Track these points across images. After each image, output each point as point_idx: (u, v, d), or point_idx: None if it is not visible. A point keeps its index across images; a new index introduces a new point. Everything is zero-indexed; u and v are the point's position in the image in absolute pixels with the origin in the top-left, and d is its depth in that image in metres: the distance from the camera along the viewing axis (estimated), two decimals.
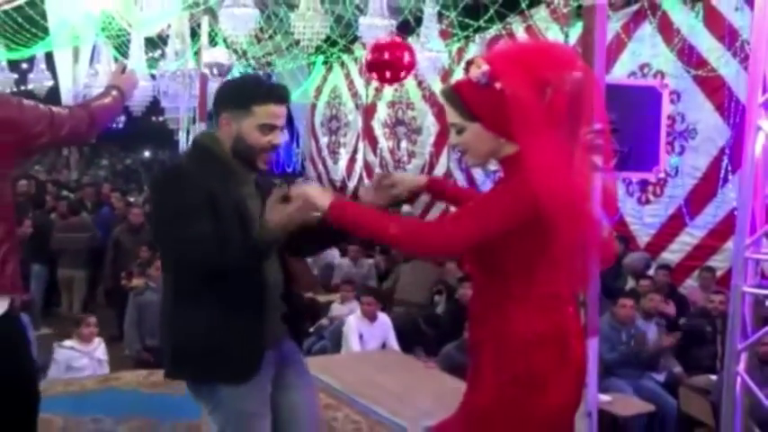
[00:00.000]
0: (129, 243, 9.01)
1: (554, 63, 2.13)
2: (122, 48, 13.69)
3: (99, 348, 5.80)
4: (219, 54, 11.21)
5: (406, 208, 8.38)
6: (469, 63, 2.17)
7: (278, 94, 2.47)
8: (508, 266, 2.14)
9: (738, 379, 3.83)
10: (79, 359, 5.60)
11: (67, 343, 5.69)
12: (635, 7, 8.16)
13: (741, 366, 3.84)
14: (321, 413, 2.93)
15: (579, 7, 6.54)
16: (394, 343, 6.37)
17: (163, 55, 12.88)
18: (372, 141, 13.42)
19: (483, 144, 2.18)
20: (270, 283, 2.50)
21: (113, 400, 4.77)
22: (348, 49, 12.24)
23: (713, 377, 5.31)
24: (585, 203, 2.18)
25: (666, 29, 7.99)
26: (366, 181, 13.31)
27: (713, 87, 7.64)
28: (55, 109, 2.79)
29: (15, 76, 16.59)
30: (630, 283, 7.13)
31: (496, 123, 2.12)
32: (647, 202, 8.28)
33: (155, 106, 15.13)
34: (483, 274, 2.26)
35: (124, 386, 5.06)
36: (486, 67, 2.11)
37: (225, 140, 2.46)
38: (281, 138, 2.52)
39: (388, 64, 6.71)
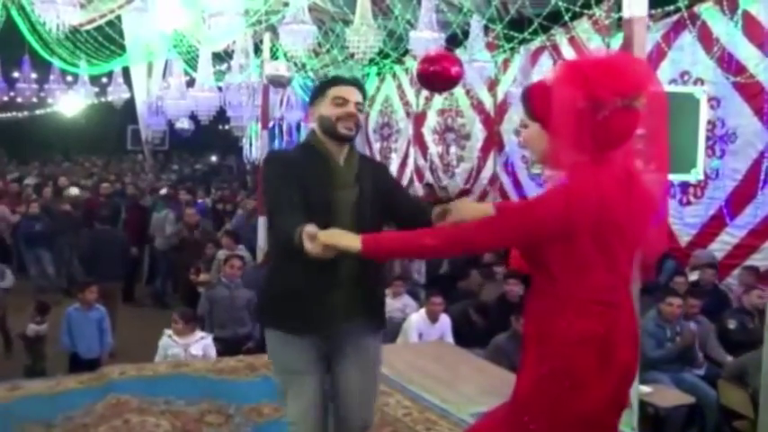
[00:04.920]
0: (191, 241, 9.21)
1: (619, 83, 2.04)
2: (192, 62, 13.94)
3: (199, 343, 5.77)
4: (280, 67, 11.33)
5: None
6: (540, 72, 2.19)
7: (345, 79, 2.91)
8: (554, 269, 2.11)
9: None
10: (174, 348, 5.69)
11: (168, 331, 5.78)
12: (675, 18, 8.01)
13: None
14: (374, 390, 2.97)
15: (620, 19, 6.45)
16: (450, 340, 6.31)
17: (229, 68, 13.07)
18: (422, 147, 13.43)
19: (539, 143, 2.18)
20: (343, 263, 2.63)
21: (184, 384, 4.82)
22: (400, 61, 12.26)
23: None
24: (628, 215, 2.09)
25: (706, 38, 7.82)
26: (417, 184, 13.31)
27: (752, 93, 7.47)
28: None
29: (96, 89, 17.02)
30: (692, 277, 7.06)
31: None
32: (689, 203, 8.12)
33: (221, 115, 15.36)
34: (535, 273, 2.24)
35: (194, 372, 5.12)
36: (555, 72, 2.12)
37: (316, 128, 2.81)
38: (355, 109, 2.75)
39: (438, 74, 6.70)
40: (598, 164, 2.07)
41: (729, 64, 7.59)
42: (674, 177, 5.06)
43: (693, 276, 7.02)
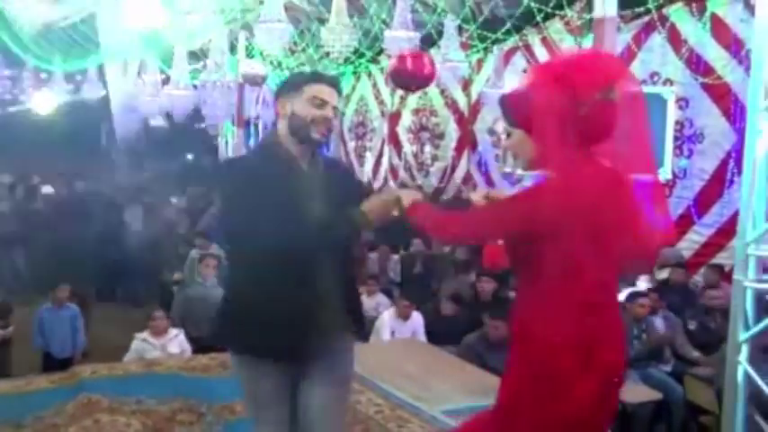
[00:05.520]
0: (167, 240, 9.13)
1: (595, 78, 2.06)
2: (167, 60, 13.83)
3: (175, 341, 5.71)
4: (255, 65, 11.29)
5: None
6: (525, 72, 2.18)
7: (327, 78, 2.60)
8: (541, 271, 2.08)
9: (740, 369, 3.79)
10: (152, 351, 5.58)
11: (142, 335, 5.68)
12: (645, 19, 8.08)
13: (743, 357, 3.80)
14: (345, 410, 2.76)
15: (591, 20, 6.50)
16: (422, 338, 6.33)
17: (204, 66, 12.99)
18: (397, 146, 13.44)
19: (525, 149, 2.17)
20: (323, 275, 2.46)
21: (155, 383, 4.77)
22: (375, 60, 12.26)
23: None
24: (612, 214, 2.08)
25: (675, 39, 7.90)
26: (391, 183, 13.32)
27: (720, 94, 7.55)
28: None
29: (71, 86, 16.84)
30: (661, 275, 7.12)
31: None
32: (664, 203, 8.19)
33: (196, 114, 15.25)
34: (520, 275, 2.23)
35: (166, 371, 5.08)
36: (528, 78, 2.13)
37: (281, 125, 2.53)
38: (332, 114, 2.53)
39: (411, 73, 6.70)
40: (587, 160, 2.08)
41: (698, 65, 7.68)
42: (641, 177, 5.09)
43: (663, 274, 7.09)
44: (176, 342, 5.72)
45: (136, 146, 20.06)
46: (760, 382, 3.72)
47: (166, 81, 14.17)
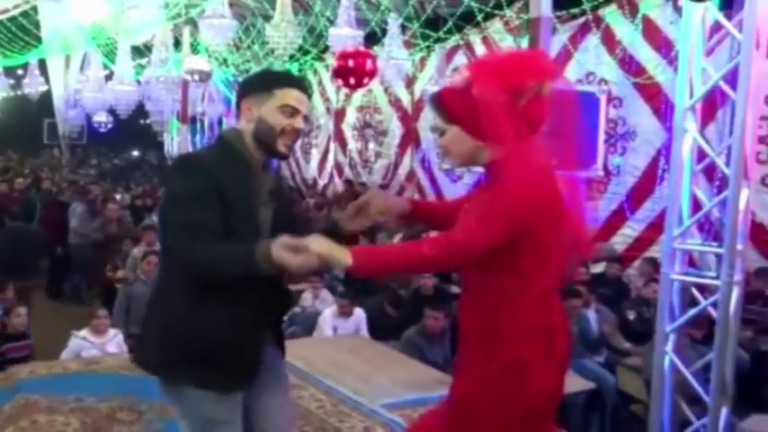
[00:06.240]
0: (110, 237, 8.94)
1: (531, 72, 2.07)
2: (111, 56, 13.56)
3: (113, 341, 5.60)
4: (200, 61, 11.15)
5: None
6: (455, 71, 2.16)
7: (300, 83, 2.29)
8: (500, 265, 2.06)
9: (667, 358, 3.89)
10: (90, 349, 5.45)
11: (82, 333, 5.54)
12: (581, 20, 8.23)
13: (669, 347, 3.90)
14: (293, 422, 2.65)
15: (529, 20, 6.59)
16: (365, 333, 6.32)
17: (149, 62, 12.78)
18: (342, 143, 13.43)
19: (461, 146, 2.12)
20: (266, 288, 2.23)
21: (95, 382, 4.66)
22: (320, 58, 12.22)
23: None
24: (560, 204, 2.09)
25: (609, 40, 8.07)
26: (336, 179, 13.31)
27: (651, 93, 7.74)
28: None
29: (11, 81, 16.37)
30: (595, 269, 7.24)
31: (474, 127, 2.07)
32: (594, 198, 8.35)
33: (141, 110, 14.99)
34: (476, 272, 2.17)
35: (105, 369, 4.96)
36: (465, 74, 2.09)
37: (246, 128, 2.23)
38: (303, 124, 2.26)
39: (352, 71, 6.71)
40: (532, 152, 2.06)
41: (630, 65, 7.86)
42: (575, 174, 5.17)
43: (598, 269, 7.21)
44: (115, 342, 5.62)
45: (79, 142, 19.63)
46: (685, 371, 3.83)
47: (110, 77, 13.91)
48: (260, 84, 2.26)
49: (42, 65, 15.77)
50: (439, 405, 2.35)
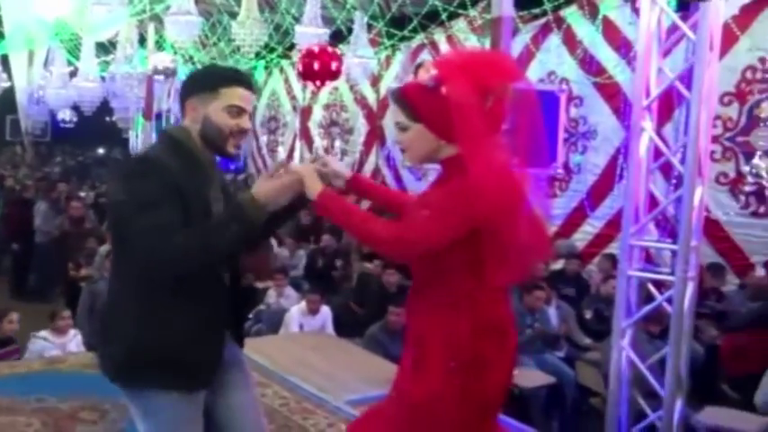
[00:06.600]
0: (74, 235, 8.81)
1: (498, 73, 2.08)
2: (75, 52, 13.35)
3: (74, 340, 5.53)
4: (165, 58, 11.03)
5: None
6: (419, 66, 2.14)
7: (246, 80, 2.22)
8: (455, 263, 2.06)
9: (624, 353, 3.94)
10: (51, 350, 5.37)
11: (41, 334, 5.46)
12: (542, 21, 8.29)
13: (626, 342, 3.95)
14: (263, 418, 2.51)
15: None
16: (330, 331, 6.31)
17: (113, 59, 12.60)
18: (308, 141, 13.40)
19: (423, 144, 2.11)
20: (227, 285, 2.24)
21: (57, 381, 4.61)
22: (286, 56, 12.15)
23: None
24: (522, 202, 2.10)
25: (570, 40, 8.15)
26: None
27: (610, 93, 7.83)
28: None
29: None
30: (556, 266, 7.30)
31: (438, 125, 2.06)
32: (555, 195, 8.44)
33: (106, 107, 14.78)
34: (427, 270, 2.16)
35: (68, 368, 4.90)
36: (433, 72, 2.07)
37: (192, 128, 2.17)
38: (249, 123, 2.21)
39: (318, 68, 6.69)
40: (493, 150, 2.06)
41: (590, 65, 7.94)
42: (535, 171, 5.22)
43: (557, 265, 7.28)
44: (75, 342, 5.56)
45: (42, 139, 19.29)
46: (641, 366, 3.88)
47: (75, 73, 13.69)
48: (205, 83, 2.19)
49: (5, 60, 15.47)
50: (381, 404, 2.31)
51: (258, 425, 2.39)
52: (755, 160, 6.71)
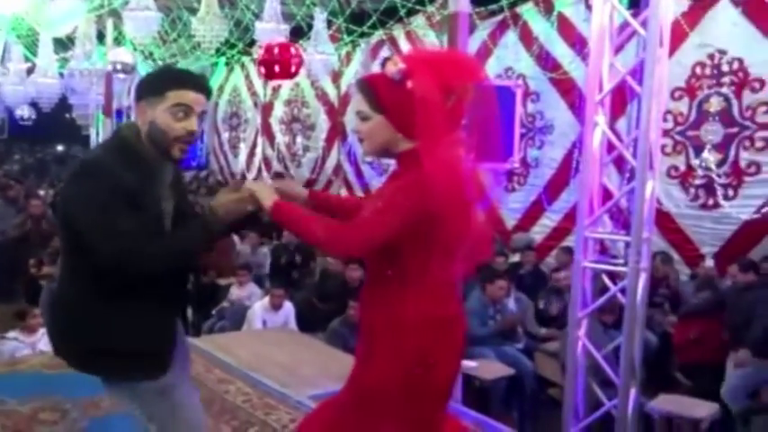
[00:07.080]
0: (34, 233, 8.63)
1: (463, 73, 2.10)
2: (32, 47, 13.04)
3: (43, 339, 5.36)
4: (124, 54, 10.84)
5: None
6: (387, 59, 2.13)
7: (194, 81, 2.17)
8: (404, 256, 2.07)
9: (580, 343, 3.98)
10: (23, 350, 5.27)
11: (11, 334, 5.35)
12: (499, 17, 8.34)
13: (582, 332, 3.99)
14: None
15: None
16: (293, 326, 6.28)
17: (72, 55, 12.33)
18: (270, 137, 13.30)
19: (382, 136, 2.12)
20: (185, 275, 2.37)
21: (17, 383, 4.50)
22: (247, 52, 12.04)
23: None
24: (473, 198, 2.13)
25: (527, 37, 8.21)
26: (264, 173, 13.17)
27: (566, 88, 7.91)
28: None
29: None
30: (514, 259, 7.33)
31: (399, 118, 2.07)
32: (513, 190, 8.50)
33: (65, 103, 14.48)
34: (379, 263, 2.17)
35: (28, 369, 4.79)
36: (401, 66, 2.06)
37: (142, 128, 2.14)
38: (197, 125, 2.16)
39: (277, 63, 6.64)
40: (448, 146, 2.07)
41: (547, 61, 8.01)
42: (492, 166, 5.25)
43: (515, 258, 7.35)
44: (44, 341, 5.44)
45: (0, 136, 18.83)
46: (596, 355, 3.93)
47: (32, 69, 13.38)
48: (153, 86, 2.15)
49: None
50: (335, 396, 2.34)
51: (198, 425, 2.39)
52: (705, 154, 6.84)
